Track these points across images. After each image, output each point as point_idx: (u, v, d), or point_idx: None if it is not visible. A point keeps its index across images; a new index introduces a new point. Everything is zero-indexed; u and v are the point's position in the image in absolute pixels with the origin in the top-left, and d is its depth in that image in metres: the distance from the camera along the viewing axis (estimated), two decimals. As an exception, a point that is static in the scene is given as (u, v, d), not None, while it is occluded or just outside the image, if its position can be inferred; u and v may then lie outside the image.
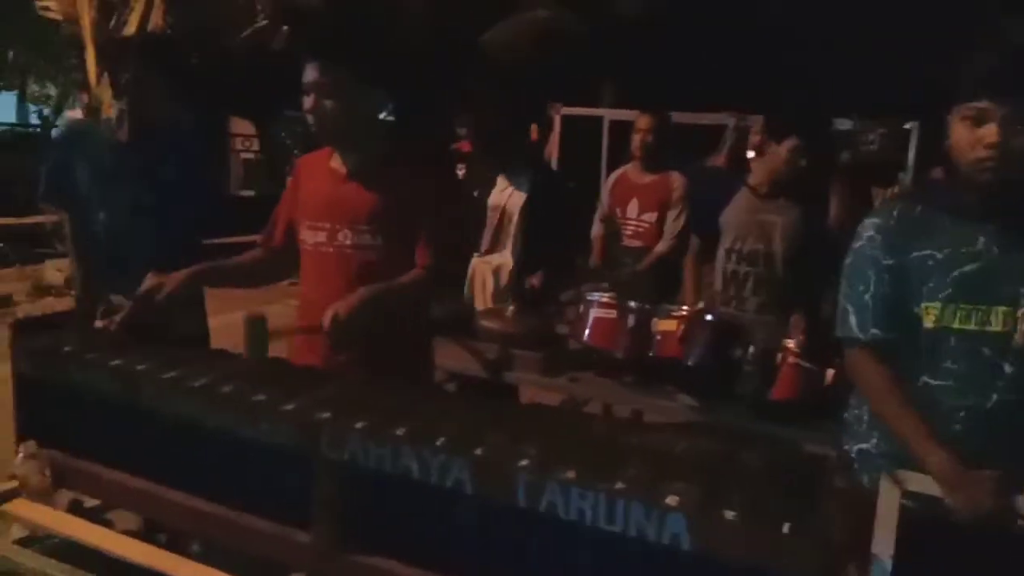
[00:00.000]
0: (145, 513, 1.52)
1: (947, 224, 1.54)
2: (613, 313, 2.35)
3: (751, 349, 2.23)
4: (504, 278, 3.06)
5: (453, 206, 2.06)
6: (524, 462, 1.14)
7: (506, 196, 3.11)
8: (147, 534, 1.59)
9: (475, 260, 3.11)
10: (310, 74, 1.87)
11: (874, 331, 1.57)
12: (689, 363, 2.22)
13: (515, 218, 3.07)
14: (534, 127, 4.19)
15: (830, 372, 2.15)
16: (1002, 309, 1.48)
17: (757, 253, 2.67)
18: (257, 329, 2.17)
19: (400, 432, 1.22)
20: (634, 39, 5.47)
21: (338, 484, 1.29)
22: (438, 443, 1.19)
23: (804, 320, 2.52)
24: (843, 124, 4.20)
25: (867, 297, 1.57)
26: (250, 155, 9.10)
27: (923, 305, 1.53)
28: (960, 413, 1.51)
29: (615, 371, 2.43)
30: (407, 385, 1.52)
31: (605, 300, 2.38)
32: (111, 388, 1.47)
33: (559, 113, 4.94)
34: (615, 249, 3.76)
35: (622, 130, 4.70)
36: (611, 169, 4.19)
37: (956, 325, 1.51)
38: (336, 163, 2.00)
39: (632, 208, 3.71)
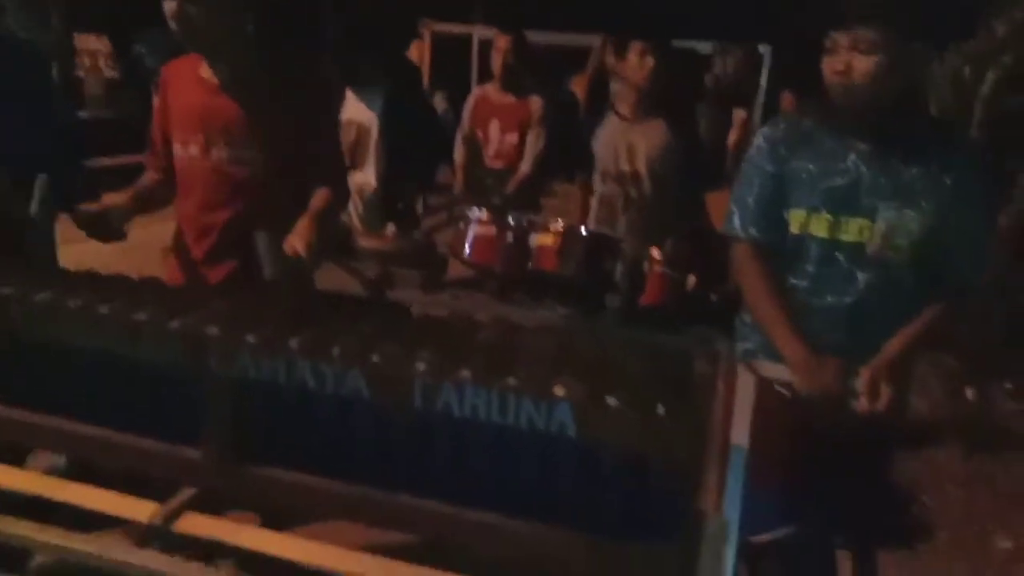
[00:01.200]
0: (20, 441, 1.46)
1: (825, 140, 1.67)
2: (492, 230, 2.42)
3: (620, 261, 2.37)
4: (368, 197, 3.04)
5: (333, 118, 2.04)
6: (420, 366, 1.19)
7: (359, 112, 3.05)
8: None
9: None
10: None
11: (752, 230, 1.72)
12: (565, 275, 2.33)
13: (373, 135, 3.02)
14: (416, 45, 4.09)
15: (691, 279, 2.32)
16: (859, 221, 1.63)
17: (624, 175, 2.80)
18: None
19: (293, 344, 1.24)
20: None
21: (228, 400, 1.29)
22: (334, 353, 1.21)
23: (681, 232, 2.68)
24: (703, 48, 4.37)
25: (750, 200, 1.72)
26: (114, 74, 8.26)
27: (791, 211, 1.68)
28: (817, 312, 1.69)
29: (494, 285, 2.51)
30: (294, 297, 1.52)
31: (484, 217, 2.44)
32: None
33: (430, 30, 4.83)
34: (477, 170, 3.80)
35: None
36: (482, 88, 4.18)
37: (816, 232, 1.67)
38: (206, 73, 1.91)
39: (494, 128, 3.74)
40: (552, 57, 5.47)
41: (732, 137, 4.44)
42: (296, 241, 1.70)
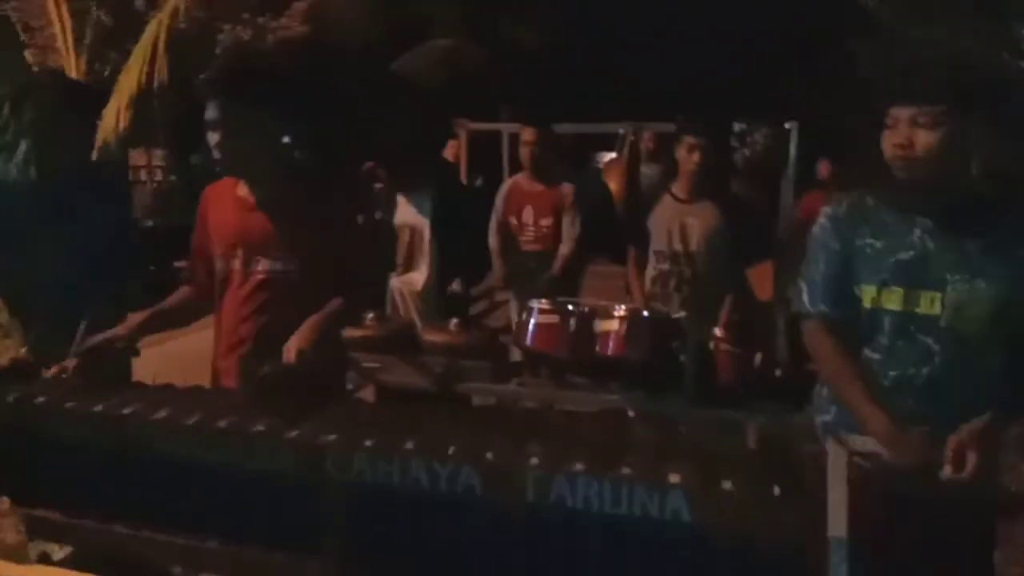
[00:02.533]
0: (139, 559, 1.50)
1: (889, 215, 1.71)
2: (555, 318, 2.47)
3: (685, 341, 2.41)
4: (424, 295, 3.14)
5: (358, 226, 2.16)
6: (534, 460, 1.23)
7: (411, 215, 3.18)
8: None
9: (392, 279, 3.17)
10: (211, 112, 1.92)
11: (822, 306, 1.75)
12: (632, 360, 2.36)
13: (426, 236, 3.14)
14: (453, 144, 4.26)
15: (759, 356, 2.35)
16: (931, 294, 1.65)
17: (678, 254, 2.89)
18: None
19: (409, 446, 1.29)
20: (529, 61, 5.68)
21: (347, 506, 1.33)
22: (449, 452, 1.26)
23: (731, 306, 2.74)
24: (737, 126, 4.52)
25: (818, 277, 1.76)
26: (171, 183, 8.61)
27: (862, 287, 1.72)
28: (894, 384, 1.70)
29: (561, 373, 2.54)
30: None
31: (545, 306, 2.50)
32: (97, 435, 1.46)
33: (465, 129, 5.06)
34: (515, 255, 3.90)
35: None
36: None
37: (888, 306, 1.69)
38: (243, 192, 2.06)
39: (528, 214, 3.87)
40: (579, 144, 5.64)
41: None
42: (291, 345, 1.80)
